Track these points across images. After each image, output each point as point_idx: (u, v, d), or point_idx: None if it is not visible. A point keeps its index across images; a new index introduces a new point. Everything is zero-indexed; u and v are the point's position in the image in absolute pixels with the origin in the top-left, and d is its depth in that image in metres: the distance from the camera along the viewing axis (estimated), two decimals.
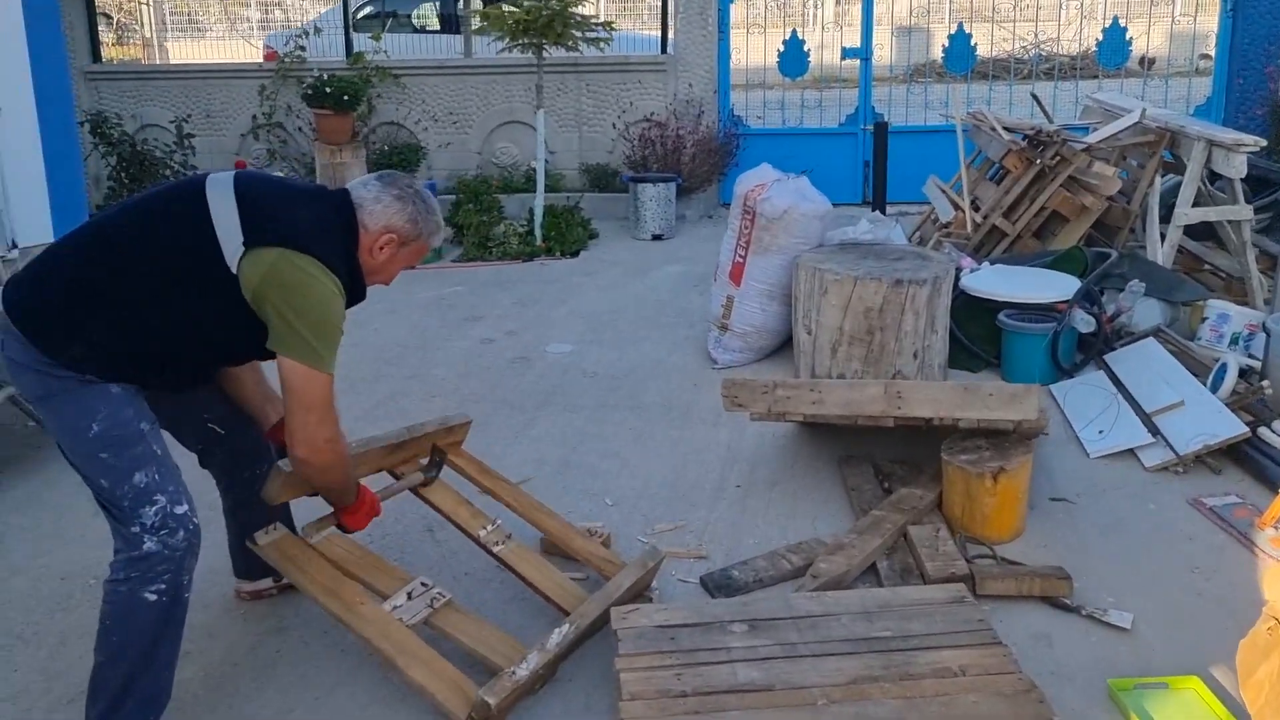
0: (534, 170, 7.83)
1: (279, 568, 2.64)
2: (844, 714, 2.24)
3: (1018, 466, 3.12)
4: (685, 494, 3.60)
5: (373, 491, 2.72)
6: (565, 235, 7.54)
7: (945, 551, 2.98)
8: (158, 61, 15.17)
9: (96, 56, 10.16)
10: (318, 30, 9.79)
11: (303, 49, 9.30)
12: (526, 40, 7.19)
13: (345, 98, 7.90)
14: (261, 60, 9.62)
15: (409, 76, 9.27)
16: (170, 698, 2.31)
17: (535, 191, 7.65)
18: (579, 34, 7.25)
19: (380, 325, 5.79)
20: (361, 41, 9.44)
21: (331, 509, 2.66)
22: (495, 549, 2.86)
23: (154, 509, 2.23)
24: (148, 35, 18.77)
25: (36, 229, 5.22)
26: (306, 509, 2.86)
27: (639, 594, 2.90)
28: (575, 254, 7.47)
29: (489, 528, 2.92)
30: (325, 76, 8.11)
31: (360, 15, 11.15)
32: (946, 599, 2.66)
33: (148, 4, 16.96)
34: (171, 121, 8.74)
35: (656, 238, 7.88)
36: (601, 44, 7.50)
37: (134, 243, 2.28)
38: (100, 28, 10.88)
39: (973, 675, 2.36)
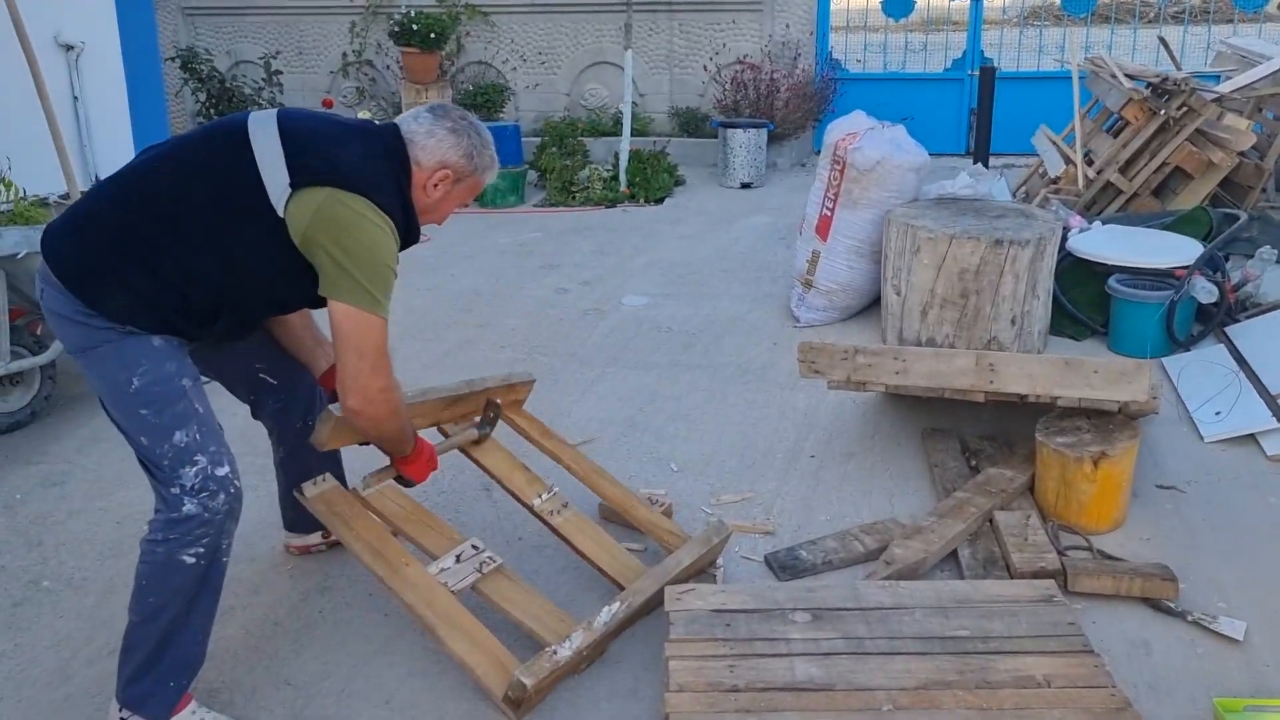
0: (622, 113, 7.59)
1: (325, 521, 2.53)
2: None
3: (1121, 452, 2.83)
4: (755, 462, 3.40)
5: (430, 444, 2.59)
6: (650, 181, 7.31)
7: (1035, 542, 2.72)
8: None
9: None
10: None
11: None
12: None
13: (432, 35, 7.75)
14: None
15: (499, 14, 9.08)
16: (204, 661, 2.23)
17: (621, 135, 7.42)
18: None
19: (457, 271, 5.68)
20: None
21: (388, 460, 2.54)
22: (550, 518, 2.71)
23: (194, 470, 2.12)
24: None
25: (120, 165, 5.22)
26: (360, 461, 2.77)
27: (700, 571, 2.73)
28: (660, 201, 7.24)
29: (544, 495, 2.77)
30: (413, 14, 7.97)
31: None
32: (1033, 596, 2.42)
33: None
34: (261, 58, 8.72)
35: (745, 186, 7.59)
36: None
37: (175, 188, 2.14)
38: None
39: (1058, 687, 2.13)
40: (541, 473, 2.88)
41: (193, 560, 2.12)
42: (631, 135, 7.57)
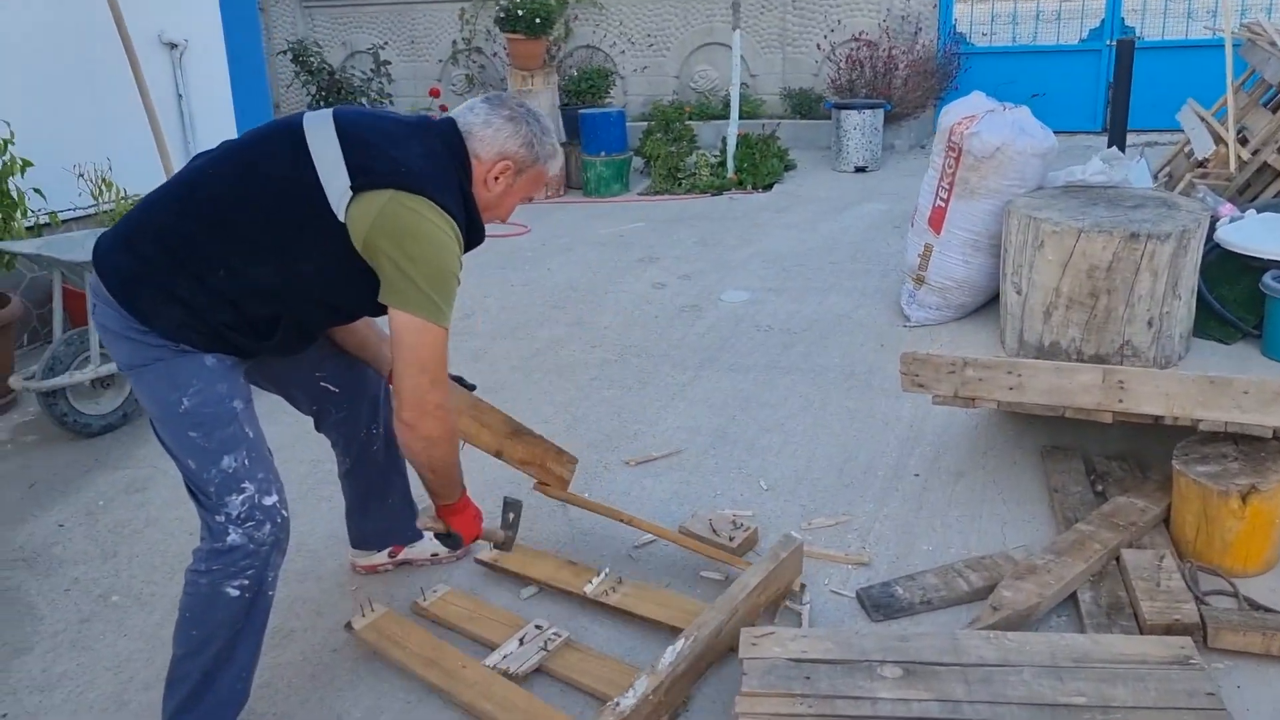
0: (740, 92, 7.33)
1: (377, 650, 2.41)
2: None
3: (1276, 485, 2.46)
4: (854, 481, 3.13)
5: (477, 507, 2.41)
6: (759, 167, 7.02)
7: (1169, 589, 2.38)
8: None
9: None
10: None
11: None
12: None
13: (537, 21, 7.62)
14: None
15: None
16: (248, 700, 2.13)
17: (729, 119, 7.15)
18: None
19: (555, 265, 5.54)
20: None
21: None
22: (606, 599, 2.54)
23: (241, 498, 2.01)
24: None
25: None
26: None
27: (780, 595, 2.50)
28: (768, 187, 6.94)
29: (595, 580, 2.60)
30: None
31: None
32: (1165, 657, 2.10)
33: None
34: (368, 49, 8.76)
35: (859, 170, 7.22)
36: None
37: (230, 193, 2.02)
38: None
39: None
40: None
41: (237, 593, 2.01)
42: (740, 118, 7.30)
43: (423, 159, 2.04)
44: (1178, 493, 2.62)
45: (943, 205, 4.14)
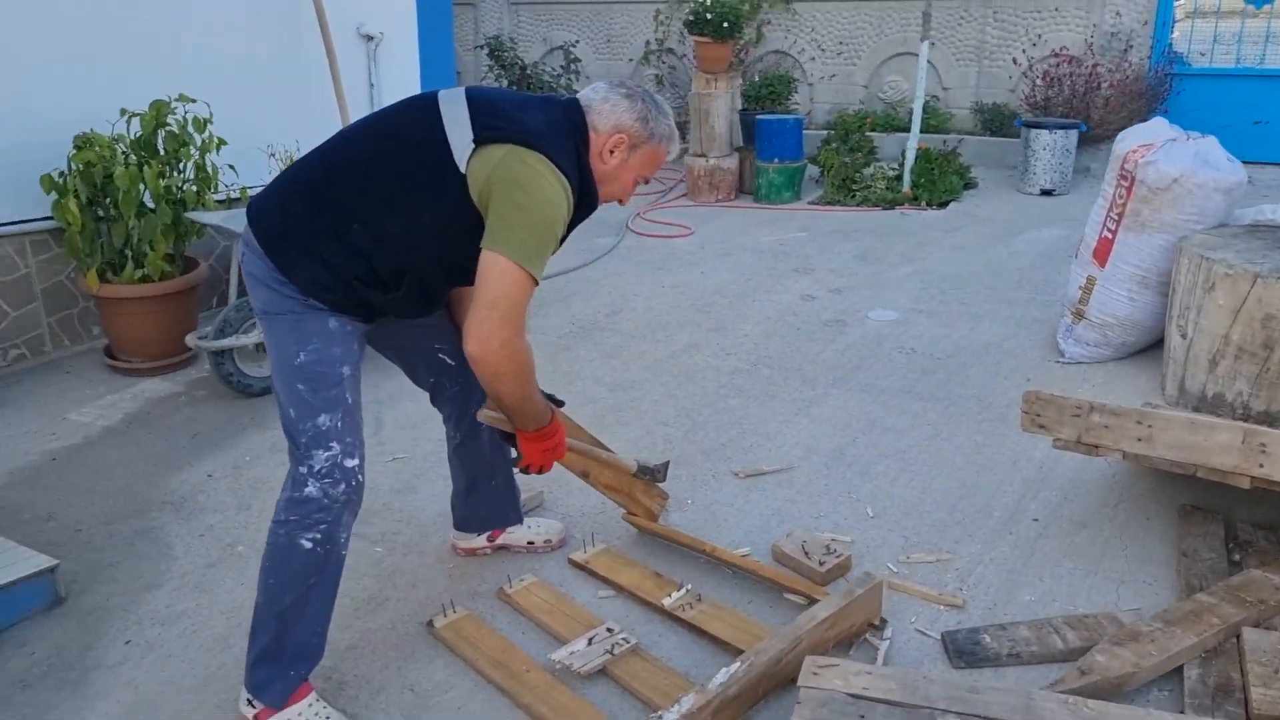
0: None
1: (454, 649, 2.50)
2: None
3: None
4: (965, 518, 3.00)
5: (562, 436, 2.45)
6: (936, 183, 6.80)
7: None
8: None
9: None
10: None
11: None
12: None
13: (725, 25, 7.63)
14: None
15: (802, 2, 8.81)
16: (323, 654, 2.26)
17: (911, 132, 6.95)
18: None
19: (709, 269, 5.56)
20: None
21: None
22: (683, 614, 2.55)
23: (326, 455, 2.16)
24: None
25: None
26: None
27: (856, 633, 2.43)
28: (944, 205, 6.71)
29: (675, 594, 2.61)
30: (709, 2, 7.89)
31: None
32: None
33: None
34: (558, 46, 9.02)
35: (1045, 193, 6.87)
36: None
37: (369, 155, 2.19)
38: None
39: None
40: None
41: (310, 546, 2.15)
42: (925, 132, 7.09)
43: (541, 122, 2.17)
44: None
45: (1109, 237, 3.89)
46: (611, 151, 2.25)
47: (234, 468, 3.44)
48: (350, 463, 2.18)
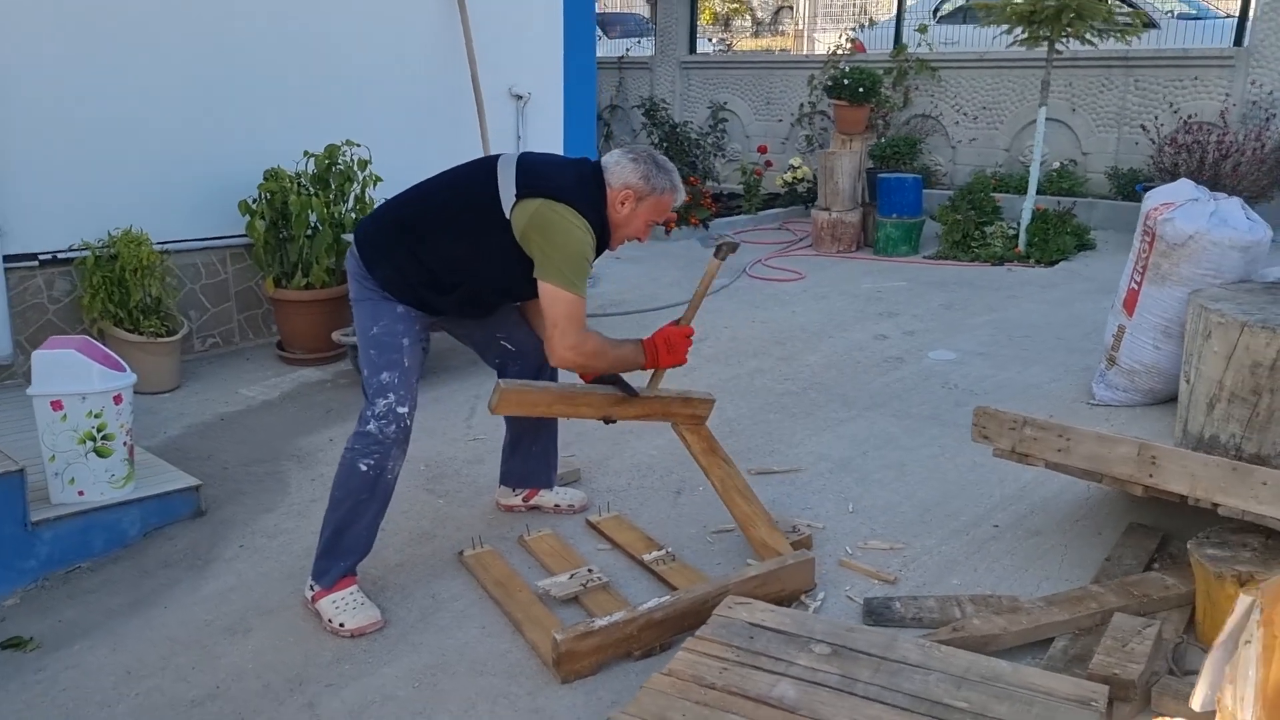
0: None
1: (471, 572, 3.16)
2: None
3: (1278, 580, 2.47)
4: (933, 519, 3.41)
5: (664, 332, 3.03)
6: (1049, 243, 7.02)
7: (1134, 650, 2.49)
8: (804, 52, 16.21)
9: (692, 48, 11.64)
10: (872, 23, 10.12)
11: (852, 40, 9.72)
12: (1034, 33, 6.77)
13: (860, 90, 8.15)
14: (848, 51, 10.08)
15: (946, 68, 9.20)
16: (369, 552, 2.98)
17: (1027, 194, 7.21)
18: (1095, 25, 6.62)
19: (800, 309, 6.07)
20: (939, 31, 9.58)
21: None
22: (655, 568, 3.11)
23: (384, 402, 2.90)
24: (799, 27, 20.69)
25: None
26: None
27: (791, 594, 2.92)
28: (1053, 263, 6.92)
29: (655, 553, 3.18)
30: (846, 69, 8.44)
31: (944, 6, 11.07)
32: (1069, 694, 2.28)
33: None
34: (709, 106, 9.76)
35: None
36: (1128, 35, 6.76)
37: (440, 197, 2.98)
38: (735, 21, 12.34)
39: None
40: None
41: (365, 469, 2.87)
42: (1060, 194, 7.37)
43: (570, 180, 2.89)
44: (1195, 574, 2.68)
45: (1135, 288, 4.17)
46: (623, 203, 2.91)
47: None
48: (401, 409, 2.90)
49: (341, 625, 2.84)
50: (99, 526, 3.28)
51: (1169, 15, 9.88)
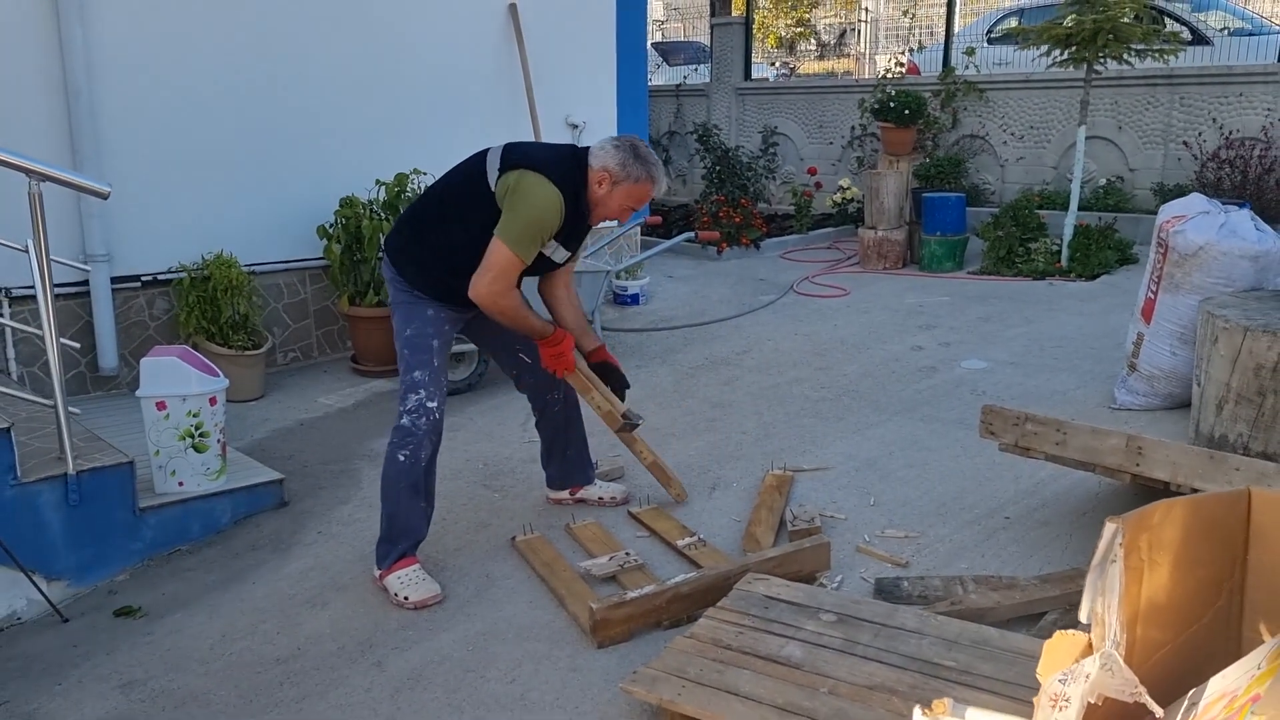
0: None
1: (522, 555, 3.50)
2: (829, 704, 2.41)
3: None
4: (949, 511, 3.66)
5: (570, 346, 3.43)
6: (1091, 257, 7.18)
7: None
8: (866, 75, 16.34)
9: (747, 75, 11.99)
10: (921, 47, 10.35)
11: (901, 64, 9.97)
12: (1074, 55, 6.96)
13: (905, 112, 8.40)
14: (902, 74, 10.35)
15: (994, 90, 9.39)
16: (424, 535, 3.34)
17: (1068, 210, 7.39)
18: (1135, 46, 6.79)
19: (842, 322, 6.34)
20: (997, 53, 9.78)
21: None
22: (688, 552, 3.41)
23: (415, 398, 3.27)
24: (860, 50, 20.96)
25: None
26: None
27: (809, 572, 3.20)
28: (1094, 277, 7.08)
29: (688, 539, 3.49)
30: (893, 91, 8.69)
31: (996, 29, 11.25)
32: None
33: (865, 23, 19.23)
34: (760, 131, 10.07)
35: None
36: (1166, 55, 6.92)
37: (443, 191, 3.36)
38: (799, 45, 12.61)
39: None
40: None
41: (402, 459, 3.25)
42: (1106, 210, 7.56)
43: (549, 158, 3.24)
44: None
45: (1151, 297, 4.38)
46: (600, 184, 3.21)
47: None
48: (432, 404, 3.27)
49: (406, 598, 3.21)
50: (196, 514, 3.71)
51: (1223, 32, 9.94)
